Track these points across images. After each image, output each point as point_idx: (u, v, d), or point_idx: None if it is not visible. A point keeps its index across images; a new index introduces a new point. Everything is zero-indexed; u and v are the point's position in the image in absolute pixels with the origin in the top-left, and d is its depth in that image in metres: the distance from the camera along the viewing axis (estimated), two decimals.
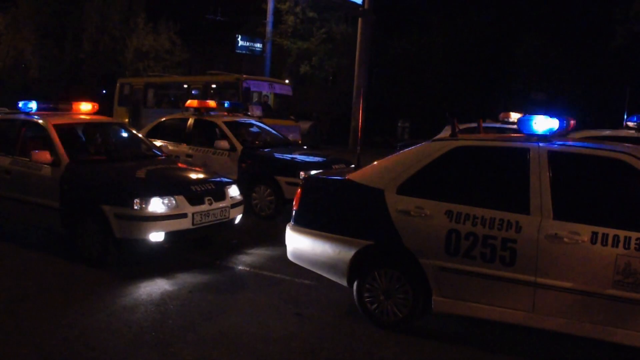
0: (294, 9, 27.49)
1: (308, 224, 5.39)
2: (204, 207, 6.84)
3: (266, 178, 9.74)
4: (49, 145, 7.22)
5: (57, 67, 34.89)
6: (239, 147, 10.21)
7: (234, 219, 7.39)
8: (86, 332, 4.86)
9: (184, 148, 10.69)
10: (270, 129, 11.85)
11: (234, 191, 7.50)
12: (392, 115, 29.49)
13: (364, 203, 5.10)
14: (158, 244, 6.57)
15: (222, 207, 7.09)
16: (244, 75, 19.82)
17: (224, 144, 10.18)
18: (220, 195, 7.19)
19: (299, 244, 5.47)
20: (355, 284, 5.17)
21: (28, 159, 7.18)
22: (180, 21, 31.19)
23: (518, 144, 4.76)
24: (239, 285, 6.31)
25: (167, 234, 6.52)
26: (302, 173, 9.38)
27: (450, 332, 5.13)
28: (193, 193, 6.85)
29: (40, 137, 7.49)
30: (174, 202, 6.59)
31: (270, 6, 26.76)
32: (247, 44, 28.80)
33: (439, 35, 29.32)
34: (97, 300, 5.63)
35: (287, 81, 22.14)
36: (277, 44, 27.74)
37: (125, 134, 8.98)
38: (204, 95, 19.26)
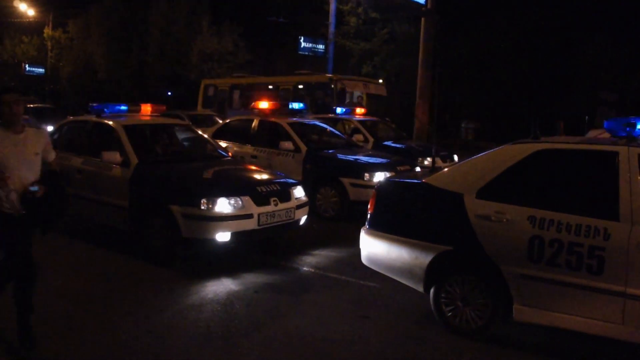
0: (356, 9, 27.30)
1: (383, 228, 5.26)
2: (269, 207, 6.80)
3: (330, 179, 9.64)
4: (119, 146, 7.35)
5: (124, 70, 36.06)
6: (304, 148, 10.15)
7: (299, 220, 7.32)
8: (154, 329, 4.90)
9: (248, 149, 10.71)
10: (335, 130, 11.74)
11: (299, 192, 7.44)
12: (456, 116, 28.87)
13: (442, 207, 4.93)
14: (224, 244, 6.56)
15: (287, 208, 7.03)
16: (337, 75, 19.15)
17: (288, 145, 10.14)
18: (286, 196, 7.14)
19: (374, 248, 5.34)
20: (432, 290, 5.01)
21: (99, 159, 7.32)
22: (242, 23, 31.58)
23: (606, 147, 4.49)
24: (304, 286, 6.24)
25: (233, 234, 6.51)
26: (366, 174, 9.27)
27: (527, 342, 4.87)
28: (259, 194, 6.82)
29: (110, 138, 7.63)
30: (240, 202, 6.58)
31: (332, 7, 26.65)
32: (310, 45, 28.72)
33: (504, 34, 28.49)
34: (165, 298, 5.66)
35: (380, 81, 21.14)
36: (339, 45, 27.62)
37: (191, 135, 9.07)
38: (293, 96, 18.63)
